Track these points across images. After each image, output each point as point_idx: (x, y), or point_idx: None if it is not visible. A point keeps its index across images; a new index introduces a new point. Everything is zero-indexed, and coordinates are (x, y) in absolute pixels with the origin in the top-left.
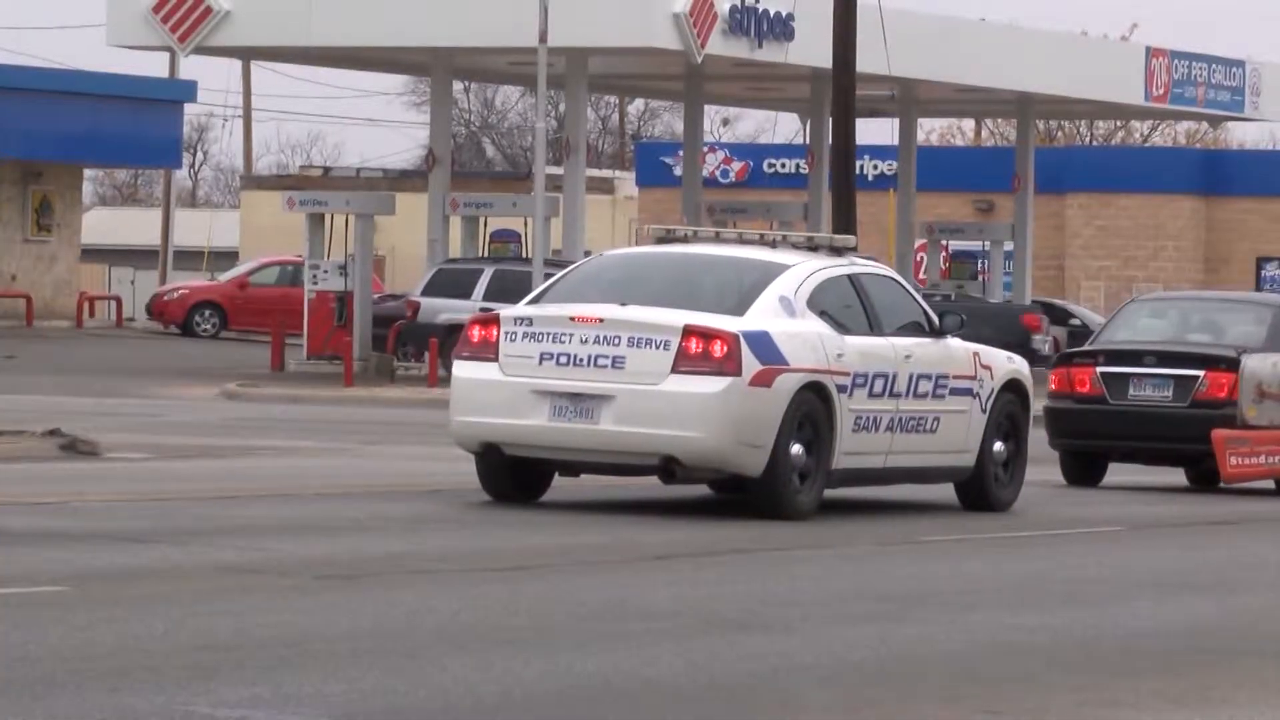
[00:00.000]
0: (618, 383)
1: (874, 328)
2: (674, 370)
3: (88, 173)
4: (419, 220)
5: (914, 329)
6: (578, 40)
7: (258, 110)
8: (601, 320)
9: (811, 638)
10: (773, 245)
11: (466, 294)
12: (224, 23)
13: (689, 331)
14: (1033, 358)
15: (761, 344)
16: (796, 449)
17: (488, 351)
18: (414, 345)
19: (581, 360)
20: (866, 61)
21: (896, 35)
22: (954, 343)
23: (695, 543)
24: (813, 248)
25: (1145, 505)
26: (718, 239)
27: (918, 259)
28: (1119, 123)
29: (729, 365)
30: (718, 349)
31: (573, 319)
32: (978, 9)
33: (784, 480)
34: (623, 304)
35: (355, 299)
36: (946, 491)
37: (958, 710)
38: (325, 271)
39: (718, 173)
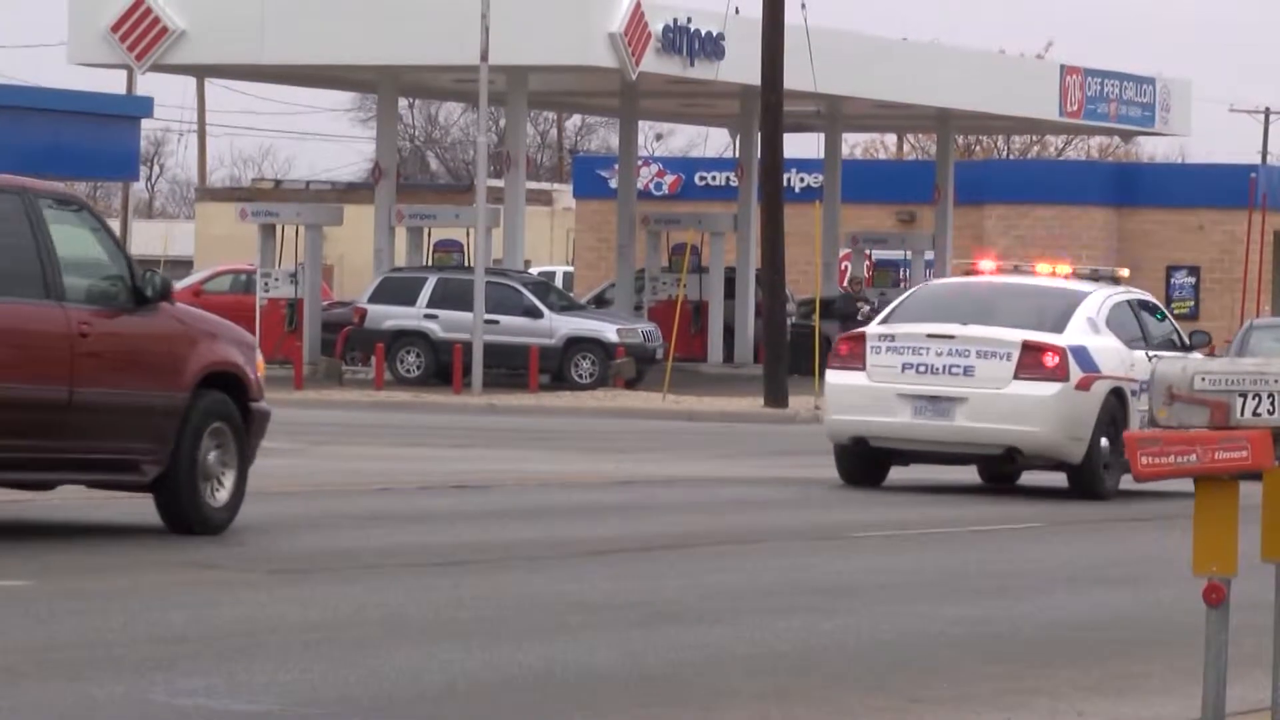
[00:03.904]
0: (969, 387)
1: (1146, 343)
2: (1015, 377)
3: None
4: (366, 230)
5: (1169, 345)
6: (517, 59)
7: (212, 125)
8: (954, 337)
9: (742, 627)
10: (1064, 276)
11: (411, 301)
12: (180, 42)
13: (1028, 346)
14: None
15: (1081, 356)
16: (1104, 442)
17: (856, 362)
18: (361, 350)
19: (938, 369)
20: (793, 79)
21: (822, 54)
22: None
23: (630, 539)
24: (1095, 278)
25: (1060, 505)
26: (1015, 271)
27: (842, 268)
28: (1034, 137)
29: (1060, 373)
30: (1050, 359)
31: (929, 335)
32: (900, 29)
33: (1097, 468)
34: (964, 324)
35: (305, 306)
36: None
37: (883, 698)
38: (276, 279)
39: (651, 185)
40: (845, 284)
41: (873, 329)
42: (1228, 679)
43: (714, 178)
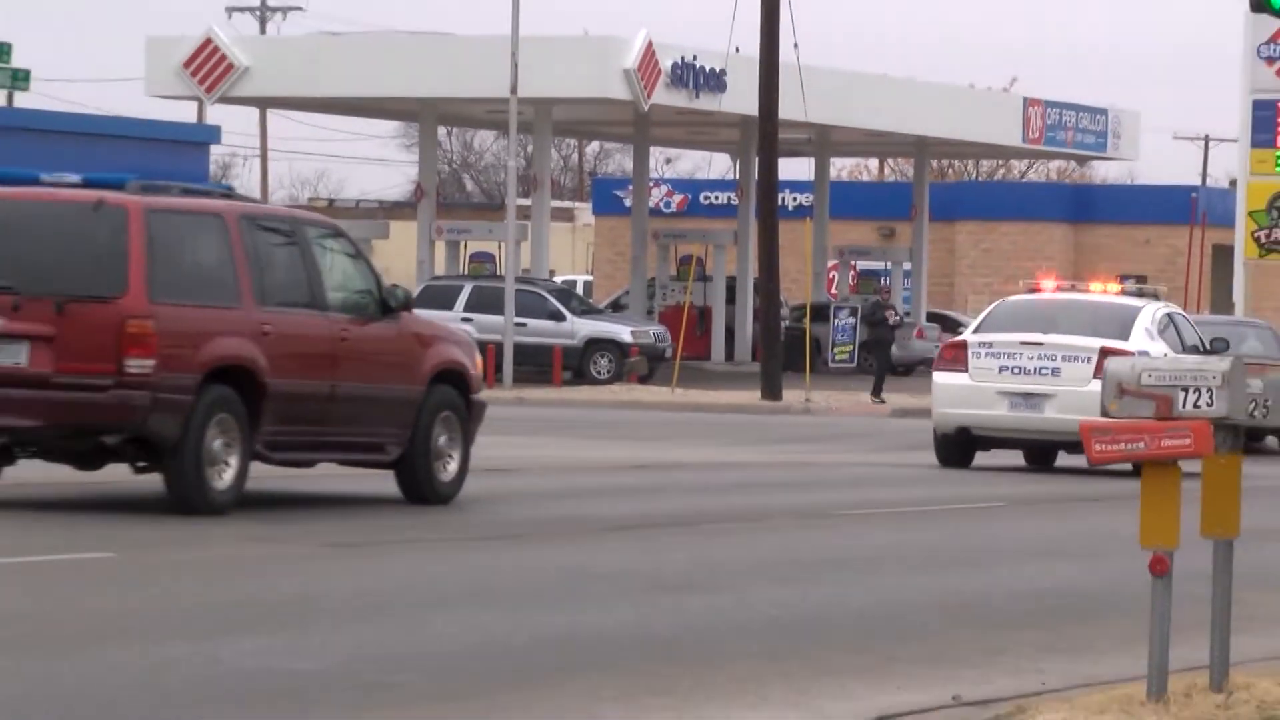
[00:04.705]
0: (1056, 385)
1: (1183, 348)
2: (1094, 376)
3: None
4: (409, 244)
5: (1195, 349)
6: (543, 92)
7: (273, 151)
8: (1042, 344)
9: (741, 596)
10: (1115, 293)
11: (449, 306)
12: (244, 77)
13: (1105, 350)
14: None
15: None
16: None
17: (959, 364)
18: None
19: (1029, 370)
20: (787, 110)
21: (812, 88)
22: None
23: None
24: (1140, 294)
25: (1023, 486)
26: (1073, 289)
27: (830, 277)
28: (1000, 161)
29: None
30: None
31: (1022, 343)
32: (881, 65)
33: None
34: (1045, 333)
35: None
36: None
37: (866, 657)
38: None
39: (661, 204)
40: (875, 294)
41: (974, 338)
42: (1171, 641)
43: (717, 197)
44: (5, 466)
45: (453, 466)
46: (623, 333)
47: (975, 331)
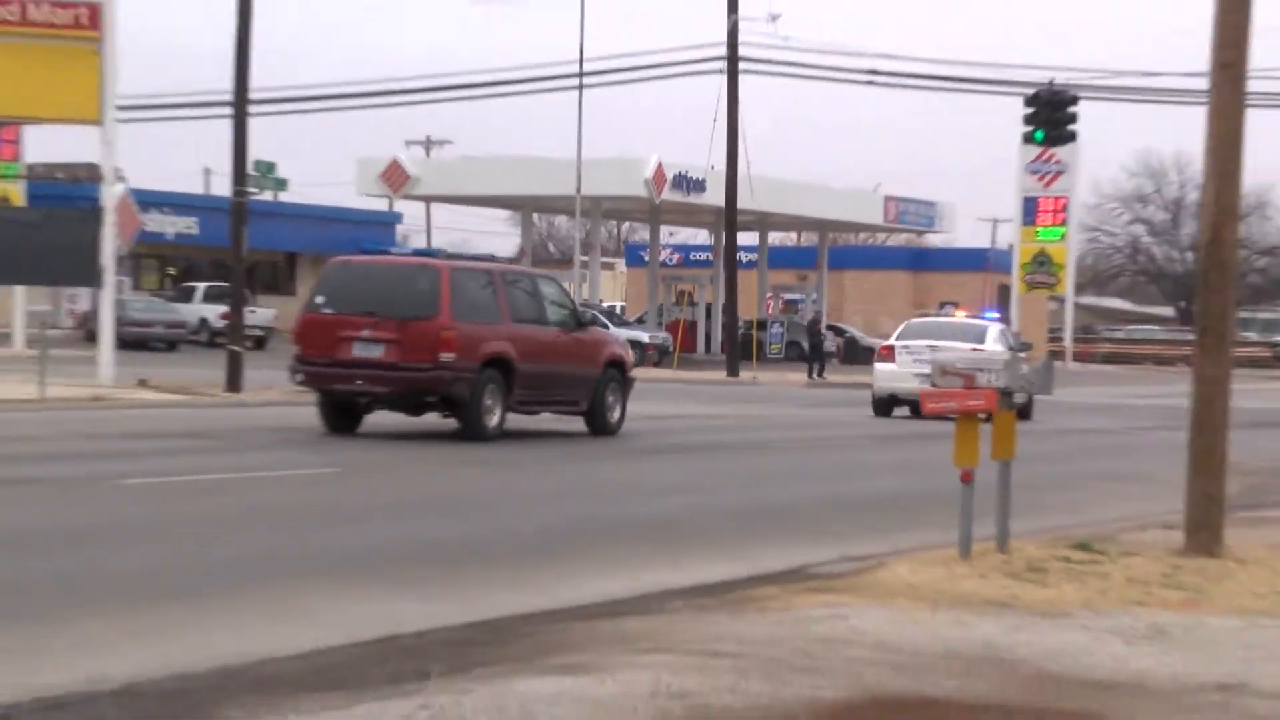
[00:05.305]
0: None
1: (1008, 348)
2: None
3: None
4: None
5: (1012, 349)
6: (596, 192)
7: (436, 229)
8: (937, 346)
9: (701, 494)
10: (970, 316)
11: None
12: (416, 184)
13: (973, 350)
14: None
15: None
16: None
17: (890, 358)
18: None
19: (928, 361)
20: (742, 203)
21: (758, 189)
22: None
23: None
24: (979, 318)
25: (895, 426)
26: (956, 310)
27: (768, 304)
28: (870, 234)
29: None
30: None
31: (926, 345)
32: (800, 174)
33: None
34: (938, 340)
35: None
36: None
37: (785, 533)
38: None
39: (666, 259)
40: (815, 314)
41: (897, 343)
42: (973, 523)
43: (701, 255)
44: (366, 415)
45: (616, 414)
46: (643, 336)
47: (897, 339)
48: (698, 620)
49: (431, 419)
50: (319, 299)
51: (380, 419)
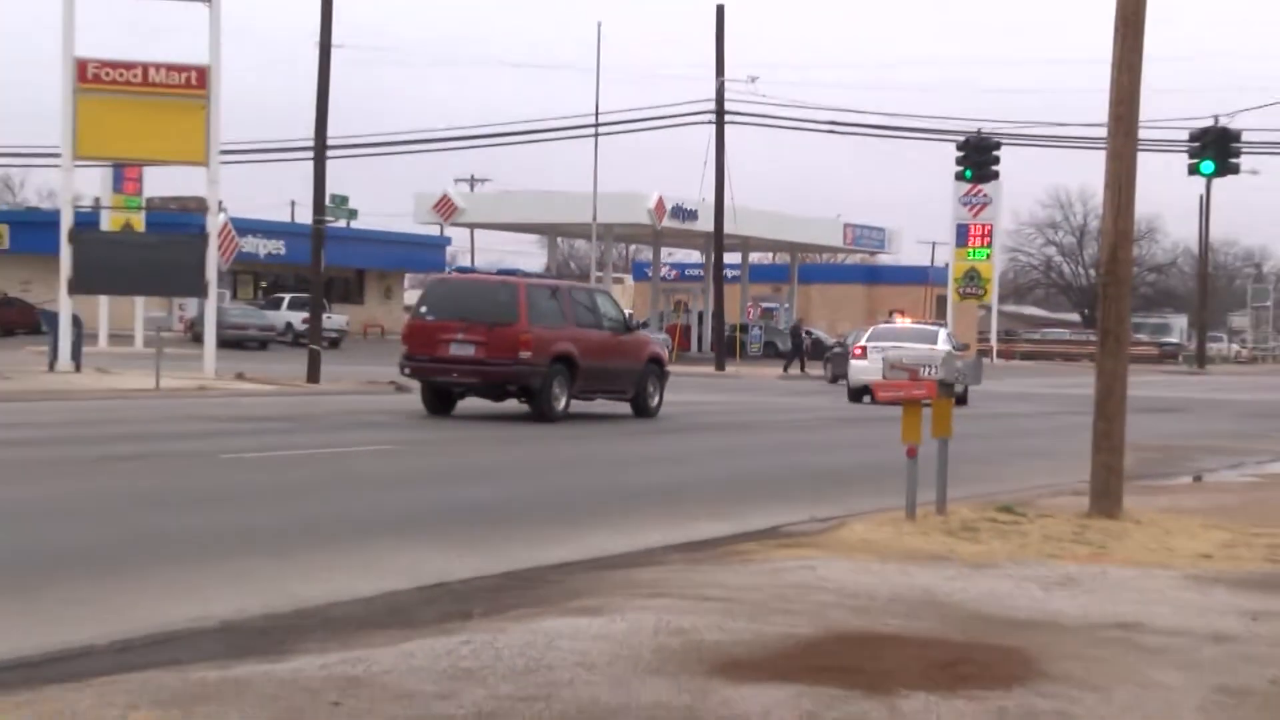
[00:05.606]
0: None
1: (953, 348)
2: None
3: (407, 276)
4: None
5: (955, 348)
6: (609, 220)
7: (478, 250)
8: (902, 346)
9: (697, 466)
10: (923, 322)
11: None
12: (463, 214)
13: (929, 349)
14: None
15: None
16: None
17: (863, 356)
18: None
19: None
20: (728, 229)
21: (741, 218)
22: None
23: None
24: (932, 323)
25: (862, 410)
26: (900, 316)
27: (749, 311)
28: (831, 255)
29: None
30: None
31: (895, 346)
32: (773, 204)
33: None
34: (899, 341)
35: None
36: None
37: (762, 499)
38: None
39: (666, 275)
40: (797, 319)
41: (869, 344)
42: (917, 489)
43: (694, 271)
44: (459, 401)
45: (656, 400)
46: None
47: (868, 340)
48: (692, 570)
49: (509, 404)
50: (423, 309)
51: (467, 403)
